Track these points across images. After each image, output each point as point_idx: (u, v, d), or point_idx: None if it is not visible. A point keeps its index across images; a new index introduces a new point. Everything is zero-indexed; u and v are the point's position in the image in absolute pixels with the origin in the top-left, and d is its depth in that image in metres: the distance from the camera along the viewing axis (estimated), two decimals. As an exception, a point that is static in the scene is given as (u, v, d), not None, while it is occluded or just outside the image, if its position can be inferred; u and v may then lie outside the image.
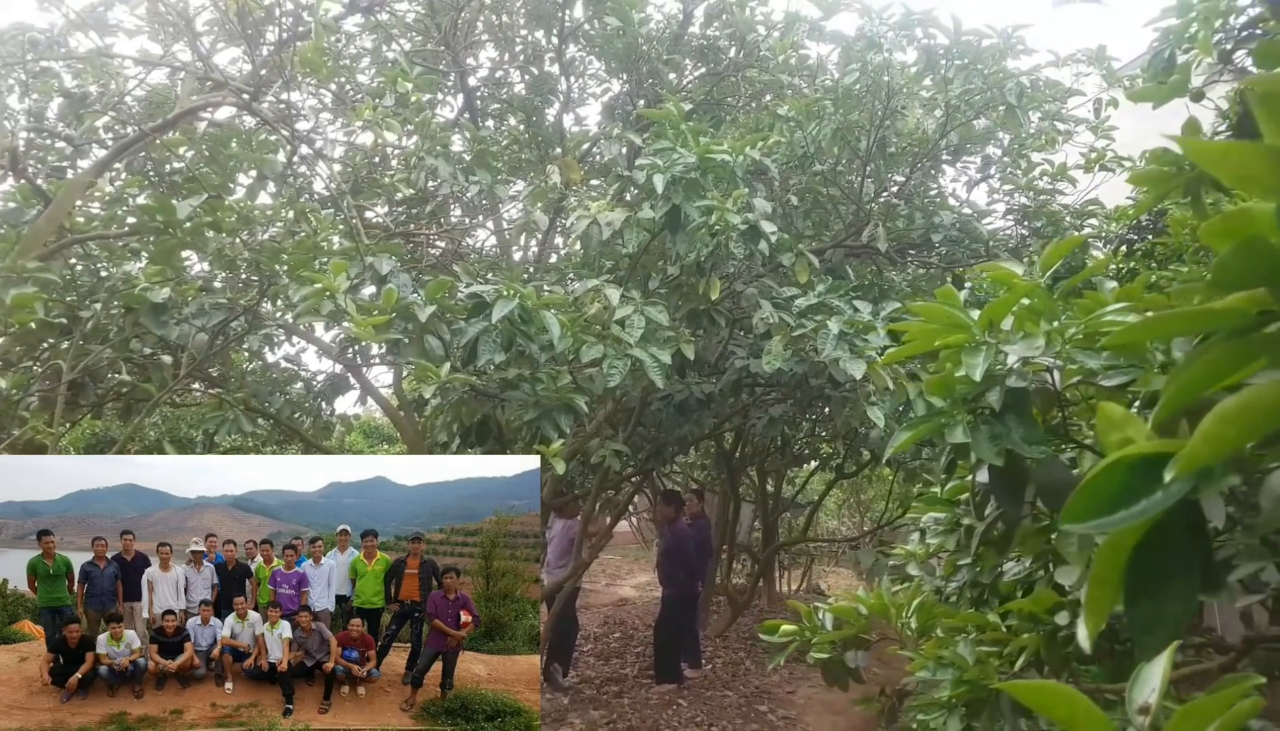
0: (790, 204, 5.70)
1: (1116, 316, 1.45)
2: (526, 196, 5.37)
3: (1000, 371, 1.54)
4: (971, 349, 1.52)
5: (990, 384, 1.53)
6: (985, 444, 1.47)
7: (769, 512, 10.48)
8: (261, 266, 3.66)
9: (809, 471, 11.03)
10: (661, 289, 5.43)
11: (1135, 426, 0.67)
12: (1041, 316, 1.55)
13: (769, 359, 4.57)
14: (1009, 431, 1.49)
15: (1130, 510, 0.63)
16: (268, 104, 3.63)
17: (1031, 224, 5.62)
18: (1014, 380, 1.53)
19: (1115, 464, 0.64)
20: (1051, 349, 1.49)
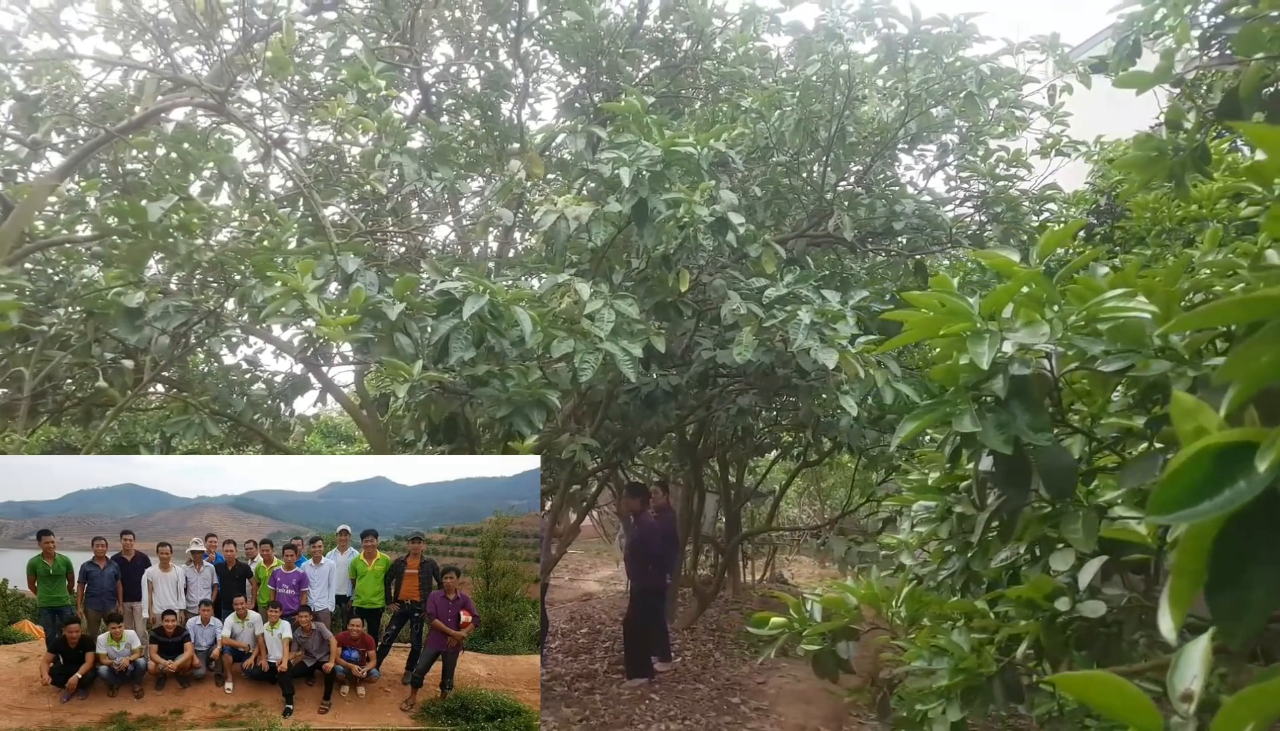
0: (753, 195, 5.71)
1: (1118, 303, 1.46)
2: (490, 193, 5.29)
3: (1002, 359, 1.55)
4: (976, 336, 1.52)
5: (994, 371, 1.53)
6: (993, 432, 1.48)
7: (732, 503, 10.53)
8: (225, 267, 3.54)
9: (770, 460, 11.10)
10: (627, 282, 5.40)
11: (1208, 416, 0.67)
12: (1041, 303, 1.55)
13: (740, 350, 4.58)
14: (1015, 419, 1.49)
15: (1215, 500, 0.62)
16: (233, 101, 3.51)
17: (991, 210, 5.71)
18: (1017, 367, 1.53)
19: (1199, 454, 0.63)
20: (1054, 335, 1.50)
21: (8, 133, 3.63)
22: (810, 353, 4.34)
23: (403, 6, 6.20)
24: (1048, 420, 1.53)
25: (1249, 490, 0.61)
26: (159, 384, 4.79)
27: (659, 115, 5.49)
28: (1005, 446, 1.48)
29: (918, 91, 4.90)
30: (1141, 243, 4.63)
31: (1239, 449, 0.63)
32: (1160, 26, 2.65)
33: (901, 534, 2.51)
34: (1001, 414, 1.51)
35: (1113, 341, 1.53)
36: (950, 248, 5.85)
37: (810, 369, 4.76)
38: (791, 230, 6.09)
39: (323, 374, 6.10)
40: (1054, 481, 1.56)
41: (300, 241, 4.47)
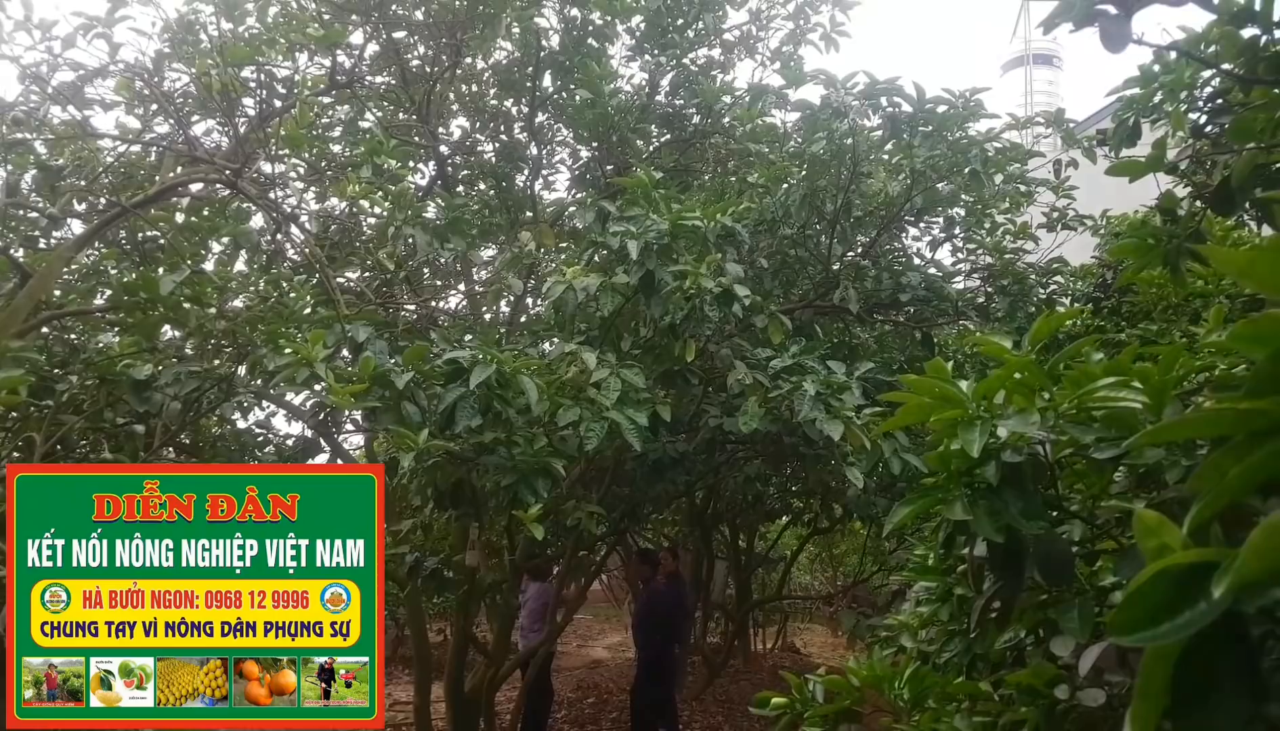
0: (759, 266, 5.77)
1: (1109, 392, 1.47)
2: (502, 263, 5.37)
3: (995, 446, 1.55)
4: (967, 424, 1.52)
5: (986, 458, 1.53)
6: (985, 520, 1.47)
7: (742, 569, 10.39)
8: (237, 335, 3.60)
9: (781, 526, 10.99)
10: (635, 350, 5.43)
11: (1171, 533, 0.67)
12: (1033, 390, 1.56)
13: (746, 419, 4.58)
14: (1007, 506, 1.49)
15: (1175, 622, 0.62)
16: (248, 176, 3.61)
17: (998, 282, 5.75)
18: (1009, 454, 1.53)
19: (1159, 574, 0.63)
20: (1046, 423, 1.50)
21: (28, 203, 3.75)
22: (816, 423, 4.33)
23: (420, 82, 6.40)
24: (1041, 507, 1.52)
25: (1208, 612, 0.61)
26: (170, 448, 4.83)
27: (668, 188, 5.60)
28: (997, 534, 1.47)
29: (923, 167, 4.98)
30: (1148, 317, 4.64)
31: (1200, 569, 0.63)
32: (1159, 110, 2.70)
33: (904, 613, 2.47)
34: (994, 501, 1.51)
35: (1106, 429, 1.53)
36: (957, 319, 5.87)
37: (817, 438, 4.75)
38: (798, 300, 6.13)
39: (333, 437, 6.13)
40: (1050, 569, 1.54)
41: (314, 309, 4.54)
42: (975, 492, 1.55)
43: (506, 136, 7.36)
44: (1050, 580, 1.53)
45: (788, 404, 4.59)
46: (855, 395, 4.42)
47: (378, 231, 4.80)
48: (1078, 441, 1.56)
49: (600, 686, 10.09)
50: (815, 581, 14.01)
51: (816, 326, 6.20)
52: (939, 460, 1.58)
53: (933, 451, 1.68)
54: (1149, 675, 0.63)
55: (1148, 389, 1.53)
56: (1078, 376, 1.64)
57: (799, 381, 4.44)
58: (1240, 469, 0.65)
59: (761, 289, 5.88)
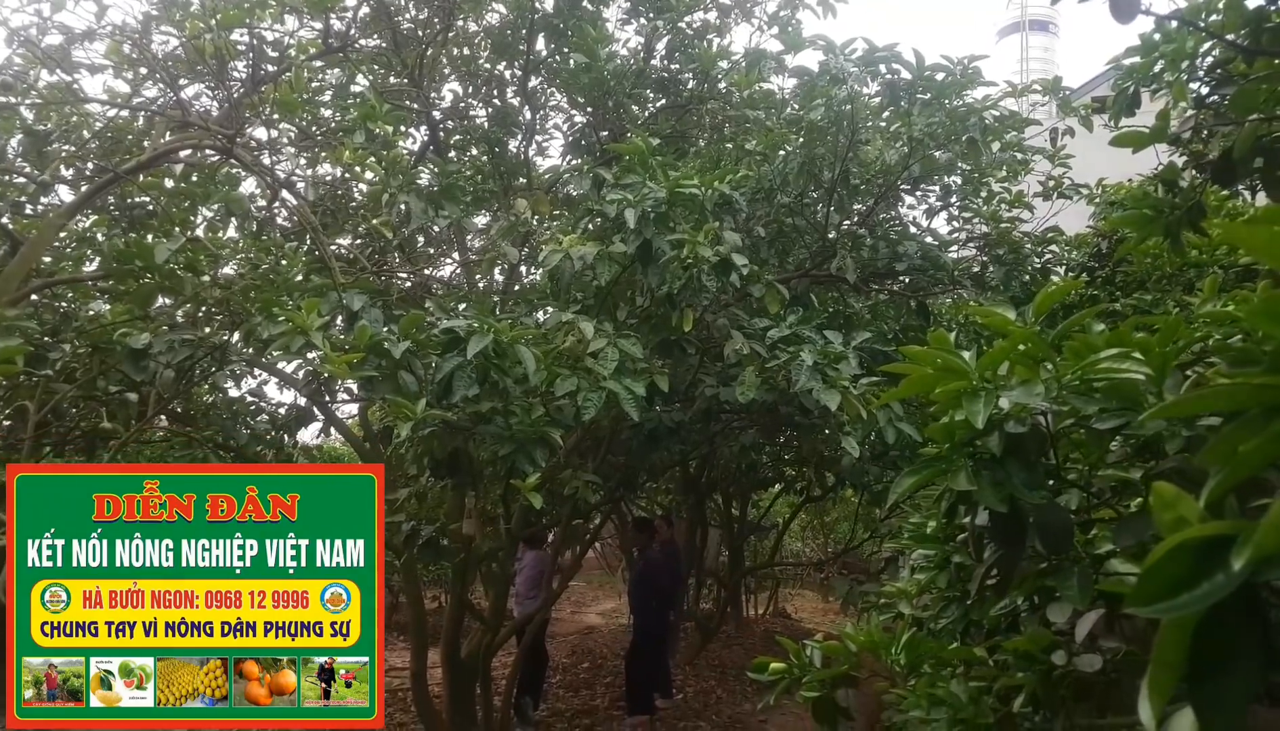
0: (756, 234, 5.76)
1: (1112, 363, 1.48)
2: (497, 231, 5.34)
3: (998, 416, 1.56)
4: (971, 395, 1.53)
5: (990, 429, 1.54)
6: (988, 490, 1.49)
7: (735, 537, 10.49)
8: (231, 303, 3.58)
9: (773, 495, 11.07)
10: (631, 320, 5.43)
11: (1188, 506, 0.68)
12: (1037, 361, 1.57)
13: (743, 389, 4.60)
14: (1010, 476, 1.51)
15: (1194, 593, 0.63)
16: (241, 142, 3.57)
17: (993, 252, 5.75)
18: (1013, 425, 1.55)
19: (1178, 548, 0.64)
20: (1049, 394, 1.52)
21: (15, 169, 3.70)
22: (813, 393, 4.35)
23: (411, 45, 6.31)
24: (1043, 478, 1.54)
25: (1226, 584, 0.62)
26: (163, 417, 4.82)
27: (664, 155, 5.56)
28: (1000, 504, 1.49)
29: (921, 135, 4.95)
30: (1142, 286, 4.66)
31: (1217, 541, 0.64)
32: (1159, 79, 2.69)
33: (901, 580, 2.50)
34: (997, 471, 1.53)
35: (1108, 400, 1.55)
36: (953, 289, 5.87)
37: (813, 408, 4.77)
38: (795, 269, 6.12)
39: (327, 407, 6.13)
40: (1049, 537, 1.56)
41: (306, 277, 4.52)
42: (978, 463, 1.57)
43: (499, 101, 7.27)
44: (1050, 548, 1.55)
45: (784, 373, 4.61)
46: (852, 365, 4.44)
47: (371, 198, 4.76)
48: (1079, 412, 1.58)
49: (594, 652, 10.21)
50: (807, 548, 14.16)
51: (812, 296, 6.20)
52: (942, 431, 1.59)
53: (934, 422, 1.70)
54: (1166, 645, 0.65)
55: (1149, 360, 1.54)
56: (1079, 347, 1.65)
57: (796, 351, 4.45)
58: (1257, 442, 0.66)
59: (758, 258, 5.86)
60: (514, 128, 7.15)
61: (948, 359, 1.61)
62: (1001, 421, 1.56)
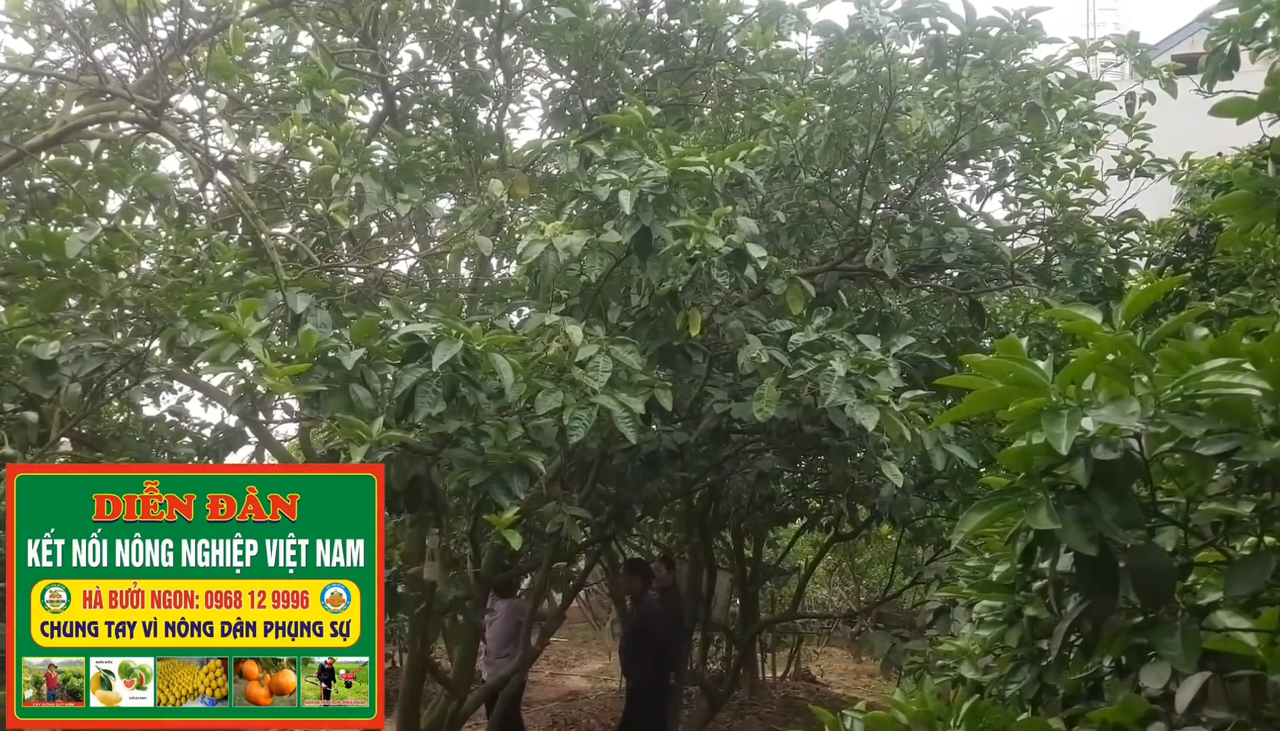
0: (775, 220, 5.77)
1: (1220, 376, 1.48)
2: (465, 217, 5.34)
3: (1084, 440, 1.56)
4: (1052, 414, 1.53)
5: (1074, 454, 1.54)
6: (1075, 528, 1.49)
7: (748, 583, 10.47)
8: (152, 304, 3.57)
9: (794, 532, 11.07)
10: (627, 322, 5.43)
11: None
12: (1129, 373, 1.57)
13: (760, 405, 4.60)
14: (1099, 512, 1.50)
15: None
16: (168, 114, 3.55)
17: (1059, 240, 5.76)
18: (1101, 450, 1.54)
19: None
20: (1145, 413, 1.51)
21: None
22: (845, 410, 4.36)
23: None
24: (1139, 513, 1.54)
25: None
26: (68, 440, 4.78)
27: (665, 126, 5.56)
28: (1088, 545, 1.49)
29: (971, 102, 4.97)
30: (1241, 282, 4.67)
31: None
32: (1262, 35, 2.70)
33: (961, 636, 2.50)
34: (1084, 505, 1.52)
35: (1214, 419, 1.54)
36: (1011, 284, 5.88)
37: (845, 427, 4.77)
38: (821, 261, 6.13)
39: (262, 427, 6.10)
40: (1147, 586, 1.56)
41: (241, 273, 4.50)
42: (1060, 496, 1.57)
43: (467, 64, 7.28)
44: (1147, 599, 1.55)
45: (810, 386, 4.61)
46: (892, 375, 4.45)
47: (318, 179, 4.75)
48: (1180, 434, 1.58)
49: (579, 723, 10.18)
50: (834, 597, 14.15)
51: (842, 293, 6.21)
52: (1018, 457, 1.59)
53: (993, 441, 1.70)
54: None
55: (1265, 372, 1.54)
56: (1178, 357, 1.65)
57: (825, 360, 4.46)
58: None
59: (778, 248, 5.87)
60: (485, 95, 7.15)
61: (1022, 370, 1.61)
62: (1088, 446, 1.55)
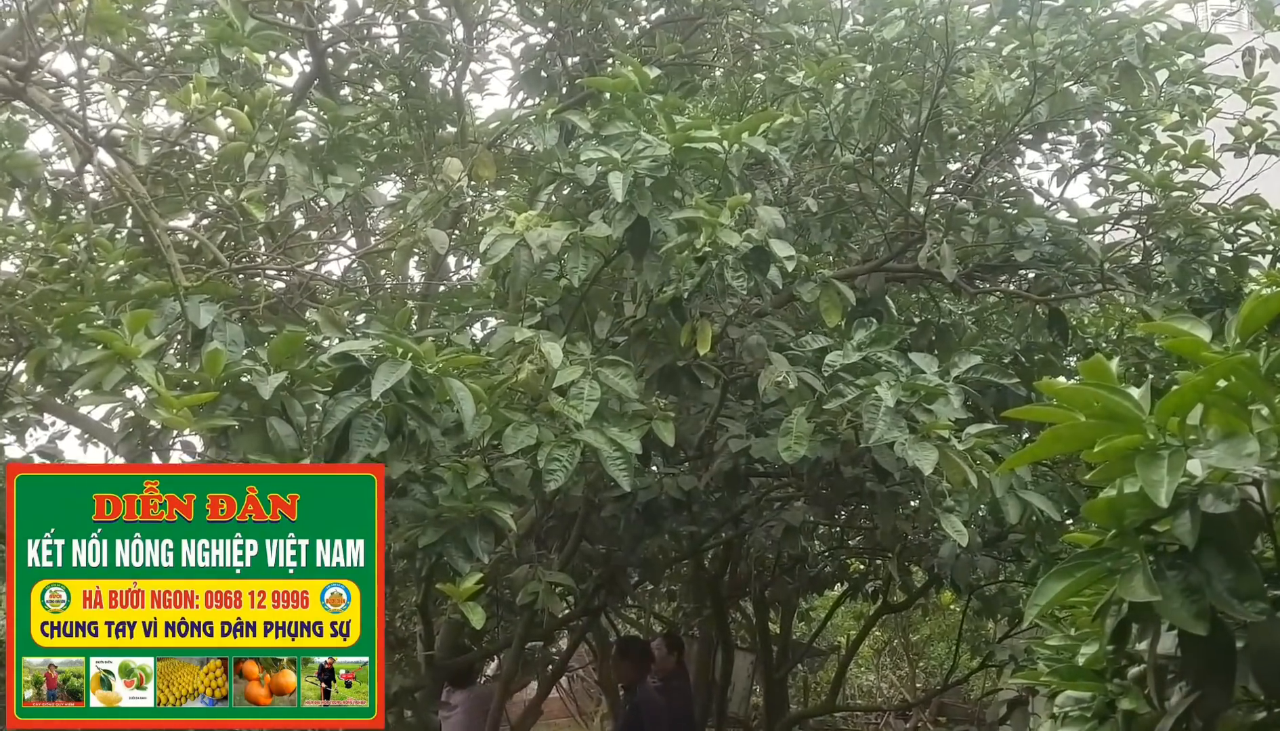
0: (806, 209, 5.79)
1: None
2: (414, 205, 5.35)
3: (1189, 488, 1.57)
4: (1149, 456, 1.54)
5: (1178, 507, 1.55)
6: (1179, 600, 1.49)
7: (775, 666, 10.45)
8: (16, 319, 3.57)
9: (833, 600, 11.06)
10: (619, 338, 5.44)
11: None
12: (1245, 405, 1.58)
13: (789, 442, 4.60)
14: (1210, 579, 1.51)
15: None
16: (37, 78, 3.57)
17: (1161, 234, 5.76)
18: (1212, 501, 1.55)
19: None
20: (1266, 454, 1.52)
21: None
22: (895, 448, 4.37)
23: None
24: (1260, 581, 1.54)
25: None
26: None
27: (667, 91, 5.58)
28: (1196, 622, 1.49)
29: (1049, 61, 5.00)
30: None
31: None
32: None
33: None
34: (1190, 571, 1.53)
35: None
36: (1101, 289, 5.89)
37: (895, 470, 4.77)
38: (863, 260, 6.15)
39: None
40: (1272, 672, 1.56)
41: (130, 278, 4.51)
42: (1161, 559, 1.57)
43: (418, 12, 7.33)
44: (1273, 689, 1.55)
45: (851, 419, 4.62)
46: (954, 404, 4.46)
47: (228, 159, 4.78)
48: (1312, 481, 1.59)
49: (562, 843, 10.12)
50: (884, 683, 14.11)
51: (889, 300, 6.24)
52: (1106, 510, 1.60)
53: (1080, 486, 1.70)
54: None
55: None
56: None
57: (869, 385, 4.46)
58: None
59: (808, 244, 5.89)
60: (439, 52, 7.20)
61: (1110, 401, 1.62)
62: (1195, 495, 1.56)
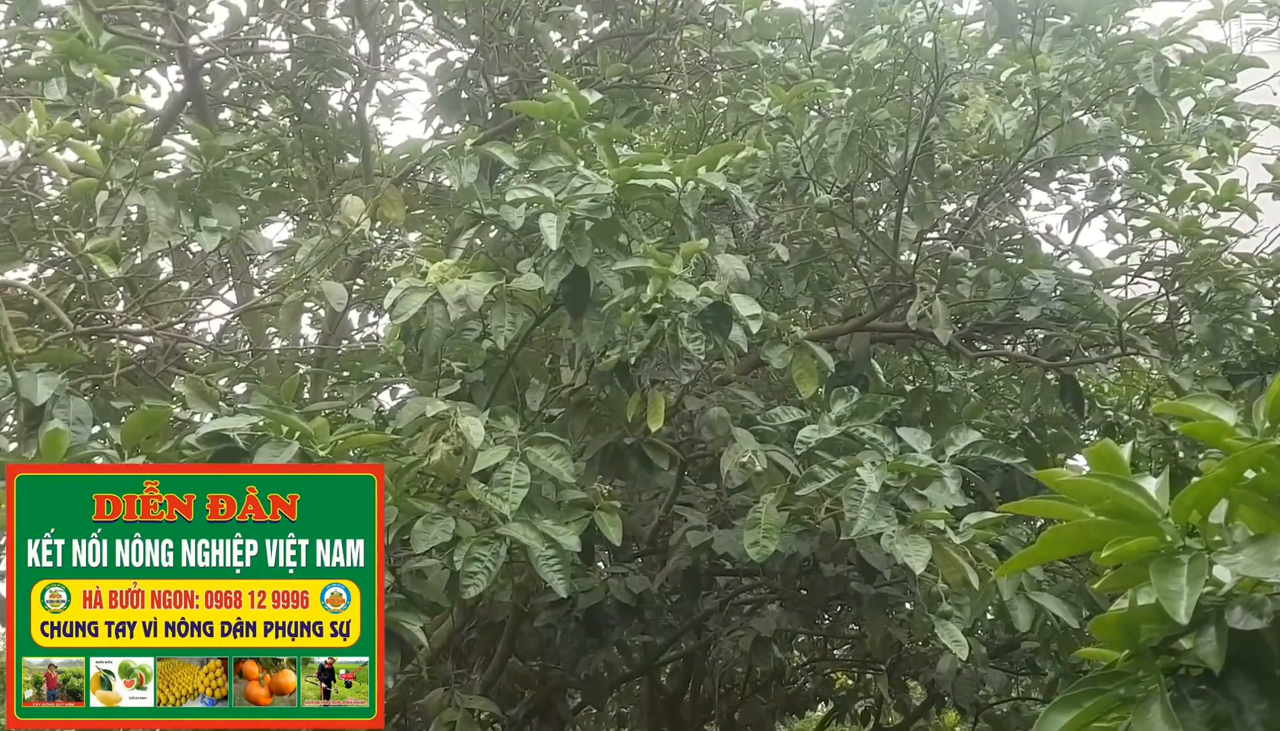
0: (774, 259, 5.82)
1: None
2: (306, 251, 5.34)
3: (1214, 599, 1.58)
4: (1166, 563, 1.55)
5: (1201, 622, 1.56)
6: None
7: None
8: None
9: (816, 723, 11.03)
10: (553, 410, 5.43)
11: None
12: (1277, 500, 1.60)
13: (758, 536, 4.61)
14: (1240, 710, 1.51)
15: None
16: None
17: (1190, 287, 5.82)
18: (1240, 616, 1.56)
19: None
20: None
21: None
22: (882, 542, 4.38)
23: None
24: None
25: None
26: None
27: (610, 118, 5.62)
28: (1225, 764, 1.50)
29: (1055, 88, 5.08)
30: None
31: None
32: None
33: None
34: (1217, 701, 1.54)
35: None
36: (1121, 352, 5.95)
37: (883, 568, 4.77)
38: (844, 317, 6.19)
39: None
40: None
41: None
42: (1183, 685, 1.58)
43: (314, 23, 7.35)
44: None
45: (830, 506, 4.63)
46: (951, 489, 4.48)
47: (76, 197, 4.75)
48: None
49: None
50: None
51: (875, 364, 6.27)
52: (1118, 627, 1.61)
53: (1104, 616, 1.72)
54: None
55: None
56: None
57: (850, 466, 4.48)
58: None
59: (779, 299, 5.93)
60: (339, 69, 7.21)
61: (1120, 495, 1.64)
62: (1221, 609, 1.57)
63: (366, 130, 7.22)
